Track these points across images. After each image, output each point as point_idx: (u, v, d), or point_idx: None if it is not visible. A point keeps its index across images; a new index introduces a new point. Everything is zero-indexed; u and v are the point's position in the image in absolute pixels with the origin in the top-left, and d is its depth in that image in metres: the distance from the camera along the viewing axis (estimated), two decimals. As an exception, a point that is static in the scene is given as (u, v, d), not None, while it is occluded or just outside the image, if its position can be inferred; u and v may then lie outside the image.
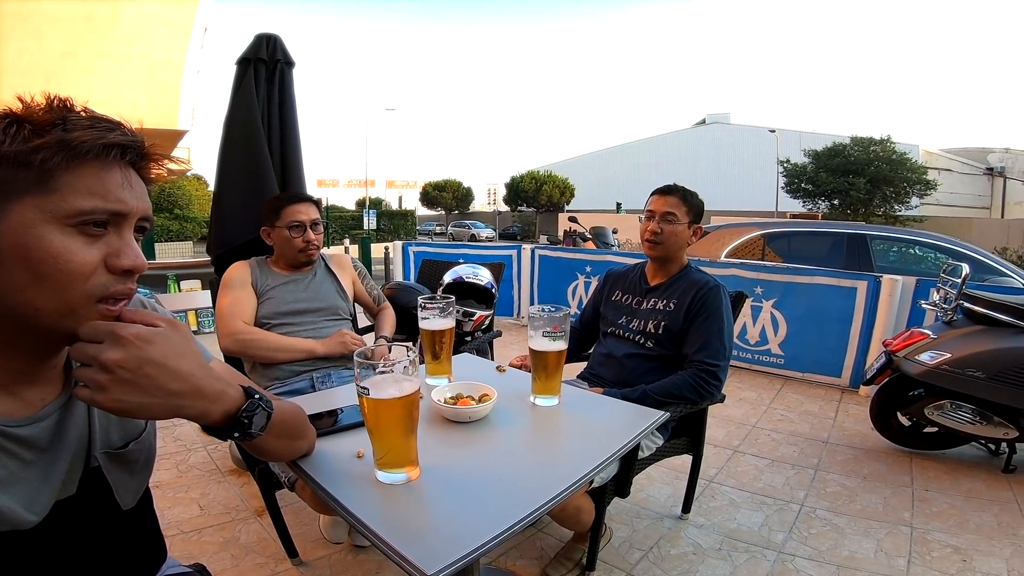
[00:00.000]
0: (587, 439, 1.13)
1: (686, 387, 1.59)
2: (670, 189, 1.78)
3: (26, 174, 0.52)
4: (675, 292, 1.74)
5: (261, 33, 2.44)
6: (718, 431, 2.83)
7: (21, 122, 0.52)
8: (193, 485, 2.17)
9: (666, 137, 45.00)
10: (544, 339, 1.23)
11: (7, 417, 0.57)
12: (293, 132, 2.52)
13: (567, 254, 5.53)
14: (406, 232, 29.18)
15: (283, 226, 1.86)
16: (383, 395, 0.83)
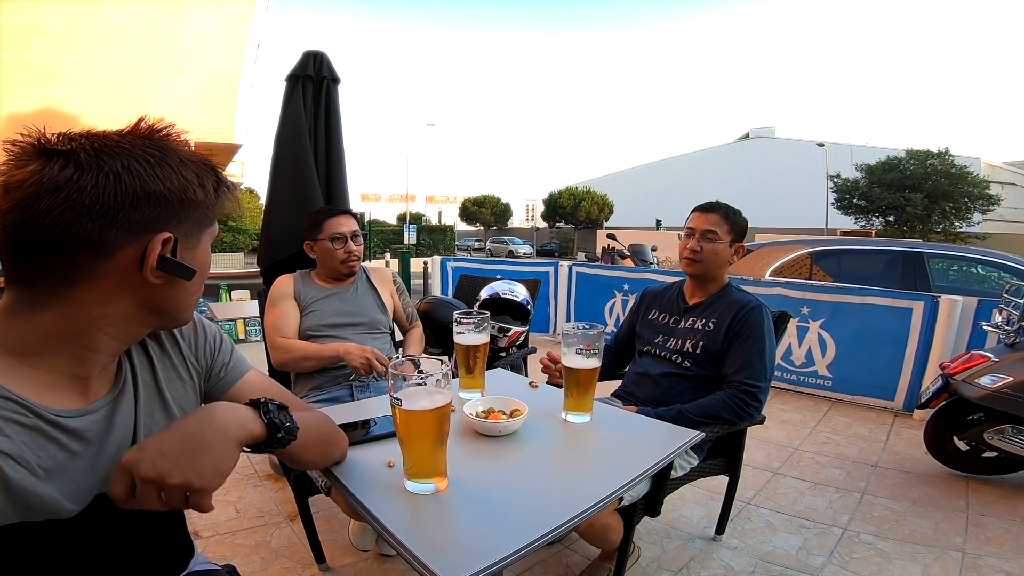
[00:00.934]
0: (617, 456, 1.11)
1: (724, 407, 1.55)
2: (712, 206, 1.75)
3: (211, 212, 0.69)
4: (715, 312, 1.70)
5: (309, 50, 2.54)
6: (757, 453, 2.75)
7: (214, 172, 0.68)
8: (232, 488, 2.24)
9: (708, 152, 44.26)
10: (577, 356, 1.22)
11: (62, 408, 0.61)
12: (338, 147, 2.60)
13: (605, 271, 5.50)
14: (445, 247, 29.65)
15: (325, 239, 1.92)
16: (415, 406, 0.84)
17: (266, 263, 2.49)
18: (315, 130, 2.53)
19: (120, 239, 0.59)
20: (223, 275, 5.55)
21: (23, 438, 0.57)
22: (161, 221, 0.62)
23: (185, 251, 0.66)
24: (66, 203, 0.56)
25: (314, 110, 2.52)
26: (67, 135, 0.59)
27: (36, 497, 0.57)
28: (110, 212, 0.57)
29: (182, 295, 0.68)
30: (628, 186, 46.90)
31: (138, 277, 0.62)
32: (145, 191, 0.59)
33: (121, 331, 0.65)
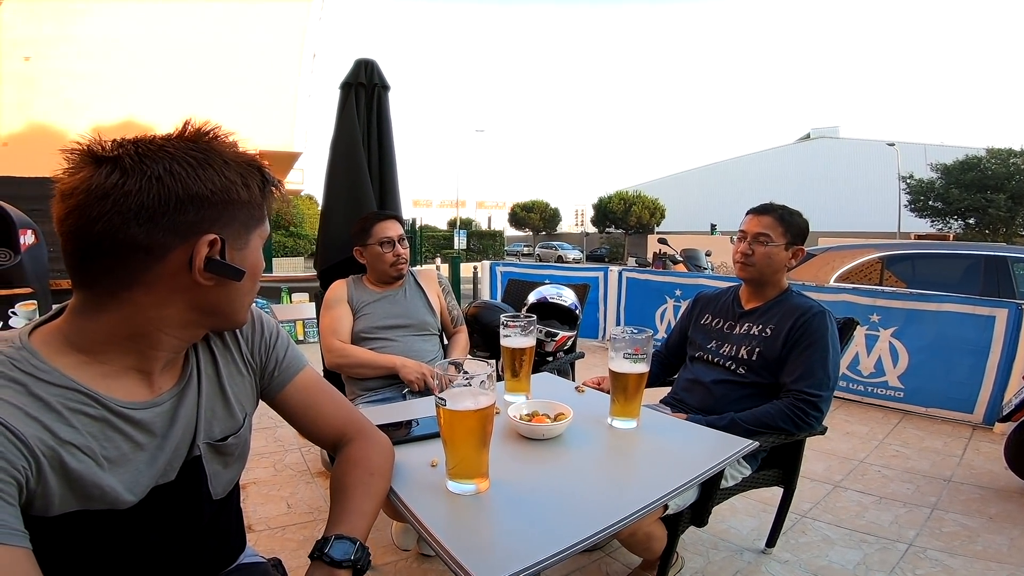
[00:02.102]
0: (664, 463, 1.07)
1: (781, 417, 1.48)
2: (765, 208, 1.68)
3: (258, 211, 0.69)
4: (773, 317, 1.63)
5: (360, 59, 2.60)
6: (817, 464, 2.62)
7: (260, 171, 0.68)
8: (285, 484, 2.32)
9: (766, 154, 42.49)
10: (625, 361, 1.19)
11: (129, 400, 0.64)
12: (390, 153, 2.65)
13: (656, 277, 5.37)
14: (494, 252, 29.91)
15: (374, 243, 1.98)
16: (459, 407, 0.84)
17: (322, 267, 2.57)
18: (368, 136, 2.59)
19: (168, 242, 0.61)
20: (284, 278, 5.81)
21: (90, 429, 0.60)
22: (206, 223, 0.62)
23: (234, 252, 0.66)
24: (113, 209, 0.57)
25: (367, 117, 2.58)
26: (117, 141, 0.61)
27: (97, 487, 0.60)
28: (155, 216, 0.59)
29: (234, 296, 0.69)
30: (681, 190, 45.75)
31: (189, 279, 0.63)
32: (188, 193, 0.60)
33: (180, 331, 0.67)
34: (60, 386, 0.59)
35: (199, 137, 0.64)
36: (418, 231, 21.11)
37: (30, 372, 0.58)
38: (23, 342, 0.60)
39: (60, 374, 0.60)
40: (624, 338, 1.20)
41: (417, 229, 21.03)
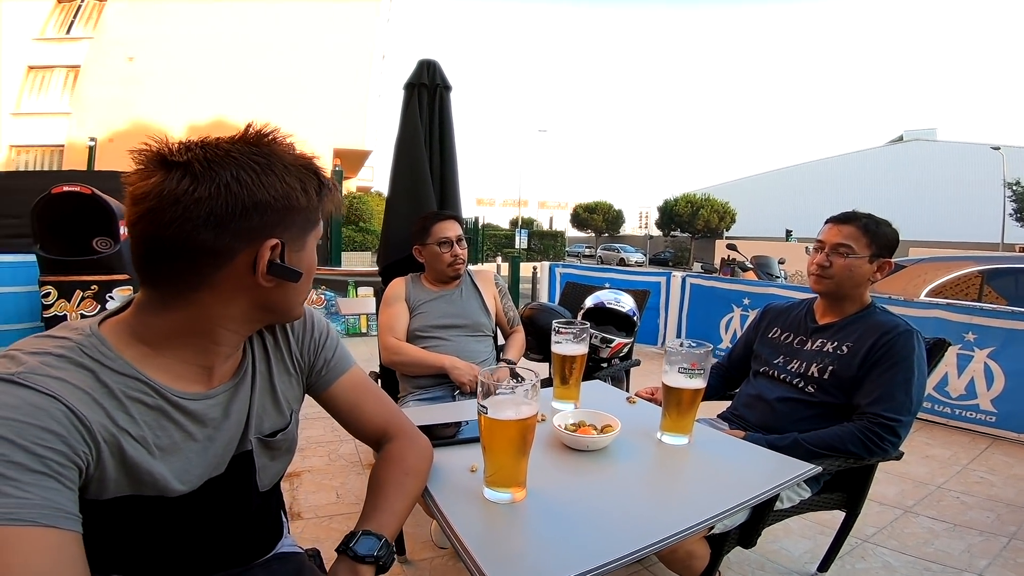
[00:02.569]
0: (714, 483, 1.01)
1: (852, 440, 1.36)
2: (848, 217, 1.54)
3: (314, 216, 0.71)
4: (851, 334, 1.50)
5: (423, 59, 2.64)
6: (889, 488, 2.44)
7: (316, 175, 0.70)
8: (337, 474, 2.40)
9: (852, 156, 39.52)
10: (680, 375, 1.13)
11: (186, 391, 0.67)
12: (451, 153, 2.68)
13: (723, 284, 5.14)
14: (555, 253, 29.78)
15: (433, 243, 2.00)
16: (500, 416, 0.83)
17: (384, 263, 2.63)
18: (430, 136, 2.62)
19: (235, 247, 0.63)
20: (352, 272, 6.03)
21: (146, 417, 0.63)
22: (269, 228, 0.65)
23: (292, 254, 0.68)
24: (185, 215, 0.59)
25: (429, 117, 2.61)
26: (185, 144, 0.62)
27: (148, 474, 0.62)
28: (224, 222, 0.61)
29: (292, 294, 0.72)
30: (754, 194, 43.57)
31: (252, 280, 0.65)
32: (253, 200, 0.62)
33: (239, 326, 0.70)
34: (123, 374, 0.62)
35: (260, 140, 0.66)
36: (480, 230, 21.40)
37: (98, 359, 0.60)
38: (93, 330, 0.62)
39: (125, 362, 0.62)
40: (680, 351, 1.14)
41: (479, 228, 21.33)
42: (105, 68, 15.59)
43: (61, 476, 0.53)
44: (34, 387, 0.54)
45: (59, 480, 0.53)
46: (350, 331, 5.74)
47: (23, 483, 0.50)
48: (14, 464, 0.50)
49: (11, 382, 0.53)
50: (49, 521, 0.51)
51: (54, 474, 0.53)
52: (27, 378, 0.54)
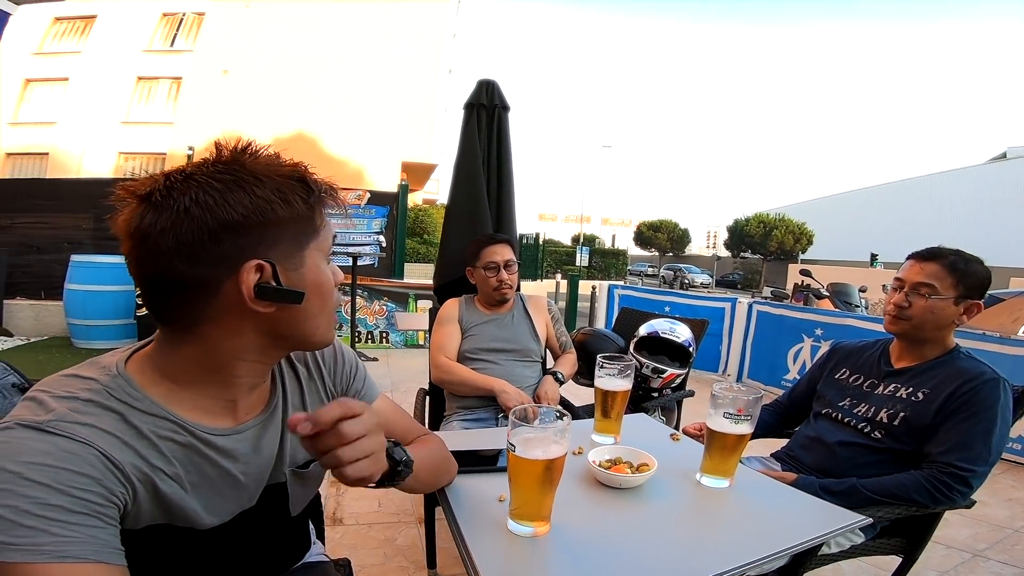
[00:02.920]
0: (752, 528, 0.96)
1: (917, 489, 1.26)
2: (932, 254, 1.41)
3: (307, 226, 0.65)
4: (928, 380, 1.38)
5: (482, 79, 2.69)
6: (960, 531, 2.26)
7: (303, 182, 0.64)
8: None
9: (947, 175, 35.89)
10: (724, 420, 1.08)
11: (214, 427, 0.67)
12: (508, 174, 2.70)
13: (794, 312, 4.84)
14: (616, 272, 29.28)
15: (481, 266, 2.03)
16: (527, 454, 0.83)
17: (439, 283, 2.67)
18: (488, 157, 2.66)
19: (216, 275, 0.59)
20: (413, 285, 6.18)
21: (177, 455, 0.63)
22: (248, 249, 0.60)
23: (288, 272, 0.63)
24: (155, 249, 0.57)
25: (487, 137, 2.65)
26: (152, 177, 0.60)
27: (181, 509, 0.63)
28: (193, 251, 0.57)
29: (302, 318, 0.66)
30: (835, 215, 40.89)
31: (248, 308, 0.61)
32: (218, 222, 0.58)
33: (259, 357, 0.67)
34: (151, 414, 0.62)
35: (233, 157, 0.62)
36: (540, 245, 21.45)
37: (125, 400, 0.60)
38: (119, 370, 0.62)
39: (152, 402, 0.62)
40: (727, 396, 1.08)
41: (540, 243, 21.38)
42: (203, 80, 16.66)
43: (102, 515, 0.54)
44: (64, 434, 0.54)
45: (100, 519, 0.54)
46: (408, 343, 5.90)
47: (67, 523, 0.51)
48: (54, 507, 0.51)
49: (42, 431, 0.53)
50: (97, 556, 0.52)
51: (95, 514, 0.54)
52: (57, 426, 0.54)
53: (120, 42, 16.93)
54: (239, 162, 0.61)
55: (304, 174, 0.65)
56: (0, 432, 0.53)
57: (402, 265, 6.63)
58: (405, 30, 16.95)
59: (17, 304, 5.58)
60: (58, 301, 5.16)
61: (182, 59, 17.05)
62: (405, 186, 6.67)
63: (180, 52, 17.15)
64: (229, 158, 0.62)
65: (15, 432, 0.53)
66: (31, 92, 17.10)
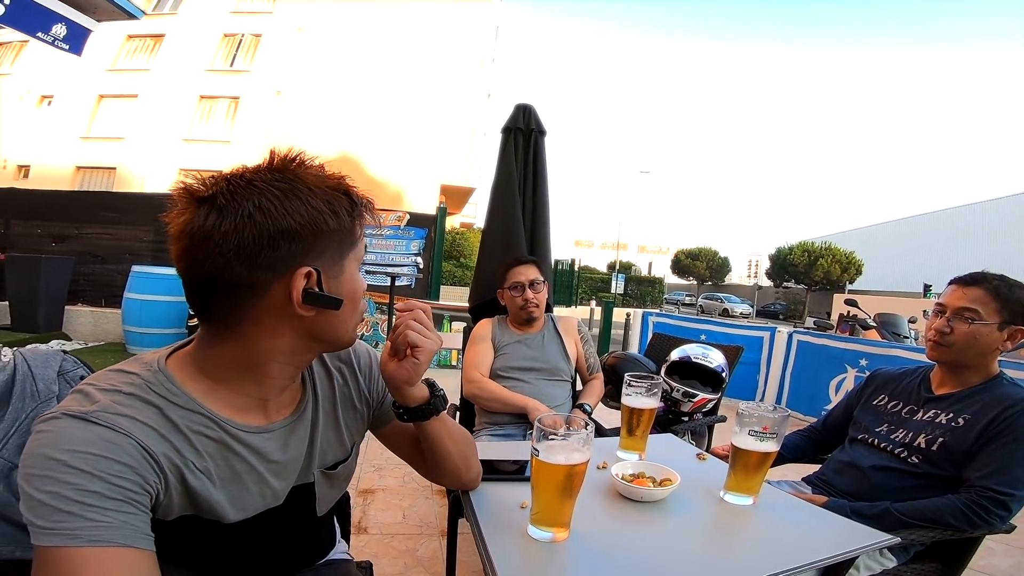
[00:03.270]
0: (774, 545, 0.95)
1: (953, 512, 1.23)
2: (975, 279, 1.39)
3: (349, 237, 0.69)
4: (969, 407, 1.34)
5: (519, 104, 2.74)
6: (1004, 559, 2.14)
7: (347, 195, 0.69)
8: (407, 496, 2.51)
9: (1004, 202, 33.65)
10: (749, 437, 1.08)
11: (246, 424, 0.70)
12: (543, 198, 2.73)
13: (835, 342, 4.69)
14: (652, 300, 28.82)
15: (507, 287, 2.09)
16: (551, 460, 0.85)
17: (474, 303, 2.69)
18: (523, 180, 2.70)
19: (268, 278, 0.63)
20: (448, 307, 6.26)
21: (209, 449, 0.67)
22: (299, 256, 0.64)
23: (330, 280, 0.67)
24: (216, 250, 0.61)
25: (524, 161, 2.69)
26: (213, 179, 0.64)
27: (207, 502, 0.67)
28: (252, 254, 0.61)
29: (336, 323, 0.70)
30: (885, 243, 39.24)
31: (291, 311, 0.65)
32: (278, 229, 0.62)
33: (291, 359, 0.70)
34: (187, 409, 0.65)
35: (285, 166, 0.66)
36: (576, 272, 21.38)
37: (164, 395, 0.64)
38: (160, 366, 0.66)
39: (188, 397, 0.66)
40: (753, 414, 1.09)
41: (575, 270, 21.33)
42: (258, 100, 17.36)
43: (135, 502, 0.58)
44: (107, 425, 0.58)
45: (134, 505, 0.58)
46: (441, 363, 5.97)
47: (103, 509, 0.55)
48: (92, 492, 0.55)
49: (86, 420, 0.57)
50: (128, 541, 0.56)
51: (129, 500, 0.57)
52: (100, 416, 0.58)
53: (185, 61, 17.78)
54: (292, 171, 0.65)
55: (348, 188, 0.69)
56: (49, 422, 0.58)
57: (438, 287, 6.74)
58: (445, 55, 17.40)
59: (78, 310, 5.94)
60: (116, 309, 5.50)
61: (240, 79, 17.78)
62: (443, 209, 6.83)
63: (239, 72, 17.88)
64: (281, 166, 0.66)
65: (61, 422, 0.57)
66: (103, 107, 18.09)
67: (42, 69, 17.36)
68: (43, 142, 17.47)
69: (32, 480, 0.54)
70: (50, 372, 0.84)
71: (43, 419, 0.59)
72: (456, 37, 17.56)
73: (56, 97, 17.98)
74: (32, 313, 5.47)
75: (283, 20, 17.94)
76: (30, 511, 0.54)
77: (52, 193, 7.37)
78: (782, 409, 1.10)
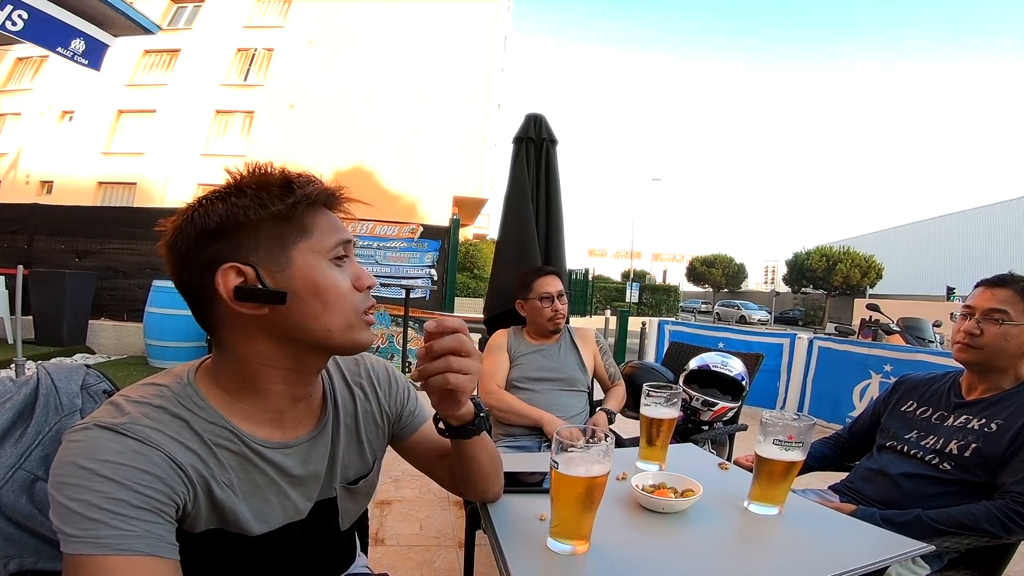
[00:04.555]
0: (803, 553, 0.94)
1: (988, 519, 1.19)
2: (1003, 280, 1.37)
3: (290, 226, 0.66)
4: (1003, 411, 1.31)
5: (530, 113, 2.75)
6: None
7: (281, 183, 0.66)
8: (424, 507, 2.50)
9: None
10: (774, 446, 1.05)
11: (266, 439, 0.70)
12: (556, 207, 2.73)
13: (859, 348, 4.60)
14: (668, 308, 28.58)
15: (535, 298, 2.07)
16: (570, 472, 0.84)
17: (489, 314, 2.70)
18: (536, 190, 2.70)
19: (203, 280, 0.64)
20: (463, 318, 6.26)
21: (231, 462, 0.67)
22: (225, 254, 0.63)
23: (275, 274, 0.64)
24: (171, 263, 0.66)
25: (536, 171, 2.70)
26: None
27: (232, 513, 0.67)
28: (187, 260, 0.64)
29: (300, 319, 0.66)
30: (906, 246, 38.51)
31: (241, 311, 0.64)
32: (198, 231, 0.63)
33: (286, 363, 0.69)
34: (212, 422, 0.66)
35: (239, 178, 0.67)
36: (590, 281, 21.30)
37: (191, 408, 0.65)
38: (189, 379, 0.68)
39: (213, 411, 0.67)
40: (777, 424, 1.06)
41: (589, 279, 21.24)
42: (272, 114, 17.65)
43: (161, 512, 0.59)
44: (135, 436, 0.59)
45: (159, 515, 0.58)
46: (457, 373, 5.96)
47: (128, 517, 0.56)
48: (118, 501, 0.55)
49: (116, 432, 0.59)
50: (152, 550, 0.56)
51: (155, 510, 0.58)
52: (129, 429, 0.59)
53: (201, 75, 18.15)
54: (235, 179, 0.67)
55: (287, 177, 0.66)
56: (80, 432, 0.59)
57: (452, 298, 6.74)
58: (454, 66, 17.59)
59: (101, 324, 6.07)
60: (138, 323, 5.59)
61: (254, 93, 18.10)
62: (456, 220, 6.86)
63: (252, 87, 18.19)
64: (235, 178, 0.67)
65: (92, 432, 0.59)
66: (123, 122, 18.52)
67: (63, 85, 17.80)
68: (65, 157, 17.91)
69: (62, 488, 0.56)
70: (73, 386, 0.85)
71: (75, 429, 0.60)
72: (465, 48, 17.76)
73: (77, 112, 18.45)
74: (56, 327, 5.60)
75: (294, 34, 18.27)
76: (59, 518, 0.55)
77: (75, 209, 7.56)
78: (807, 417, 1.08)
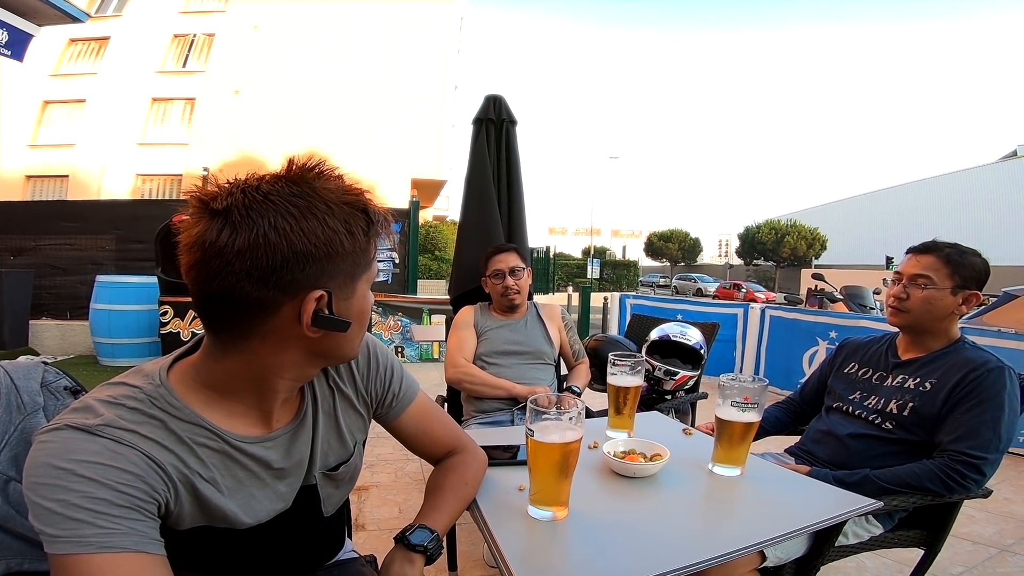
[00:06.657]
0: (764, 512, 1.00)
1: (929, 477, 1.29)
2: (928, 247, 1.48)
3: (364, 258, 0.68)
4: (935, 370, 1.41)
5: (489, 95, 2.75)
6: (986, 527, 2.25)
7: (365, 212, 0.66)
8: (401, 490, 2.52)
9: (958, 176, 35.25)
10: (732, 408, 1.12)
11: (246, 435, 0.71)
12: (517, 186, 2.76)
13: (807, 316, 4.84)
14: (628, 283, 29.17)
15: (489, 275, 2.11)
16: (546, 439, 0.88)
17: (455, 294, 2.71)
18: (497, 170, 2.71)
19: (279, 299, 0.62)
20: (427, 300, 6.25)
21: (212, 460, 0.68)
22: (312, 279, 0.63)
23: (340, 303, 0.66)
24: (228, 268, 0.59)
25: (496, 151, 2.71)
26: (228, 188, 0.62)
27: (219, 510, 0.68)
28: (264, 275, 0.60)
29: (342, 342, 0.70)
30: (847, 219, 40.42)
31: (299, 331, 0.65)
32: (293, 251, 0.60)
33: (294, 373, 0.71)
34: (189, 422, 0.66)
35: (303, 176, 0.64)
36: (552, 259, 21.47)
37: (166, 409, 0.65)
38: (161, 379, 0.67)
39: (190, 411, 0.66)
40: (733, 386, 1.13)
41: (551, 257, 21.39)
42: (215, 101, 16.88)
43: (143, 509, 0.59)
44: (111, 438, 0.59)
45: (141, 512, 0.59)
46: (423, 356, 5.96)
47: (111, 516, 0.56)
48: (100, 500, 0.55)
49: (91, 433, 0.58)
50: (138, 547, 0.57)
51: (136, 508, 0.58)
52: (104, 431, 0.59)
53: (134, 63, 17.18)
54: (310, 184, 0.63)
55: (367, 204, 0.67)
56: (51, 432, 0.58)
57: (415, 281, 6.70)
58: (410, 47, 17.16)
59: (43, 324, 5.74)
60: (83, 321, 5.33)
61: (195, 80, 17.24)
62: (416, 203, 6.77)
63: (192, 73, 17.33)
64: (299, 177, 0.64)
65: (65, 433, 0.58)
66: (49, 114, 17.38)
67: (-20, 78, 16.49)
68: (-12, 152, 16.69)
69: (39, 489, 0.55)
70: (33, 384, 0.83)
71: (46, 430, 0.59)
72: (420, 29, 17.33)
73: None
74: (-6, 329, 5.25)
75: (237, 19, 17.44)
76: (39, 520, 0.54)
77: (4, 204, 7.08)
78: (760, 379, 1.14)
